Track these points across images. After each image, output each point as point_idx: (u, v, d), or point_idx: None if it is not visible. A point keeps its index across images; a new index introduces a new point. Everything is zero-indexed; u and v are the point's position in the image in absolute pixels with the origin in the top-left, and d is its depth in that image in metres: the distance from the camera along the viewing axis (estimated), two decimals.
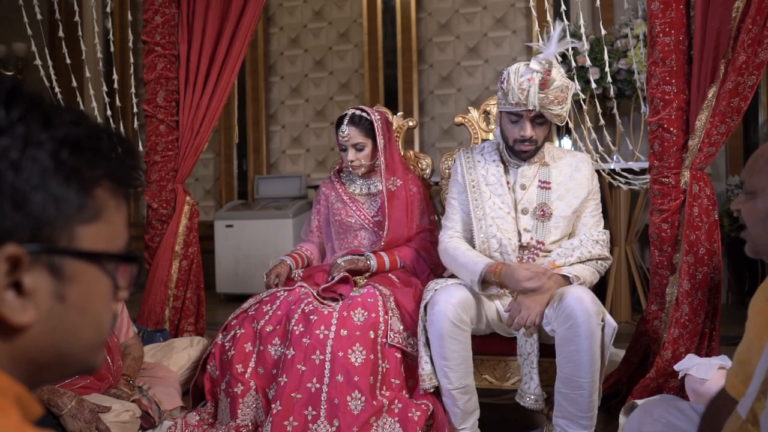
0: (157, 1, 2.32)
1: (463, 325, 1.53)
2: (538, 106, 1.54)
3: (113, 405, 1.43)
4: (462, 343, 1.54)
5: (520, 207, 1.67)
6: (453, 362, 1.54)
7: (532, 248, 1.65)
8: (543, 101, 1.54)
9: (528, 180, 1.68)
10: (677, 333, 1.76)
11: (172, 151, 2.35)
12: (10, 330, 0.41)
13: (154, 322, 2.25)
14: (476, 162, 1.73)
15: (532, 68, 1.53)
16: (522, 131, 1.60)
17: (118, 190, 0.45)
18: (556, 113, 1.57)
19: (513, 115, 1.60)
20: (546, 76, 1.52)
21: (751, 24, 1.62)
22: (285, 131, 4.57)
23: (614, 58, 3.00)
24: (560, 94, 1.55)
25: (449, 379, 1.55)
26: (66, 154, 0.42)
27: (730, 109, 1.70)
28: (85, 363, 0.46)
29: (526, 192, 1.67)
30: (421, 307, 1.59)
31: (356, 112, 1.93)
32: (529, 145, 1.62)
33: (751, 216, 0.90)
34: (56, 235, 0.41)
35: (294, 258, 2.00)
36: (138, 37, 2.47)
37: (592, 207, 1.68)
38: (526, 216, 1.66)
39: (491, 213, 1.65)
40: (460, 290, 1.56)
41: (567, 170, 1.68)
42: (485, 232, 1.65)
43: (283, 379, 1.61)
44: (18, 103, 0.42)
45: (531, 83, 1.52)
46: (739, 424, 0.78)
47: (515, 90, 1.53)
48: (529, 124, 1.59)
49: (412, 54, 4.21)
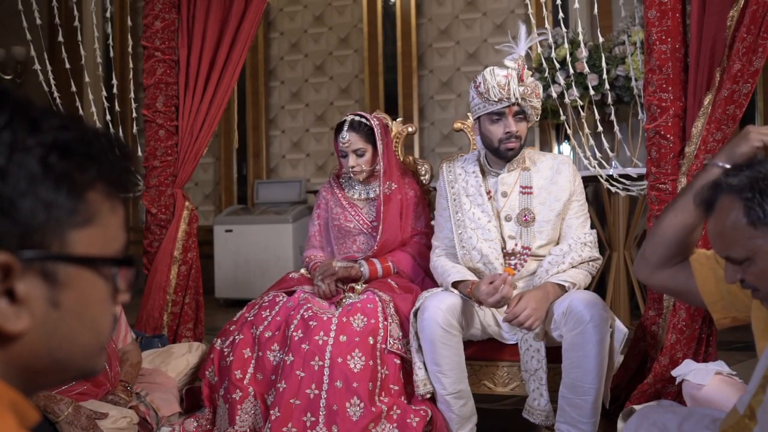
0: (157, 6, 2.33)
1: (453, 330, 1.53)
2: (520, 98, 1.61)
3: (110, 411, 1.43)
4: (453, 348, 1.54)
5: (503, 214, 1.69)
6: (445, 367, 1.55)
7: (519, 254, 1.66)
8: (524, 93, 1.62)
9: (509, 187, 1.70)
10: (675, 339, 1.76)
11: (171, 156, 2.36)
12: (4, 338, 0.41)
13: (152, 327, 2.25)
14: (457, 175, 1.76)
15: (507, 65, 1.63)
16: (507, 128, 1.64)
17: (113, 192, 0.45)
18: (534, 105, 1.65)
19: (494, 115, 1.65)
20: (522, 70, 1.61)
21: (746, 33, 1.63)
22: (285, 136, 4.58)
23: (612, 65, 3.01)
24: (535, 88, 1.65)
25: (443, 384, 1.56)
26: (55, 159, 0.41)
27: (726, 116, 1.71)
28: (84, 368, 0.46)
29: (508, 199, 1.69)
30: (411, 313, 1.60)
31: (355, 118, 1.94)
32: (515, 141, 1.66)
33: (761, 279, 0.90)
34: (48, 241, 0.41)
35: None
36: (138, 42, 2.47)
37: (576, 208, 1.69)
38: (510, 222, 1.68)
39: (471, 224, 1.67)
40: (450, 296, 1.57)
41: (548, 173, 1.71)
42: (466, 243, 1.67)
43: (282, 385, 1.61)
44: (4, 108, 0.41)
45: (509, 78, 1.60)
46: (736, 419, 0.81)
47: (495, 88, 1.61)
48: (512, 119, 1.64)
49: (412, 59, 4.22)
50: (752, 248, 0.88)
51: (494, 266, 1.63)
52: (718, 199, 0.91)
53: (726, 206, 0.90)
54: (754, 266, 0.89)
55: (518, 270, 1.66)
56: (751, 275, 0.91)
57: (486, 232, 1.65)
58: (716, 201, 0.91)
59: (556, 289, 1.56)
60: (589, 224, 1.71)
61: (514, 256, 1.66)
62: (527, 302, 1.49)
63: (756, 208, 0.86)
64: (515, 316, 1.49)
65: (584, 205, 1.72)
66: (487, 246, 1.64)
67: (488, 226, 1.66)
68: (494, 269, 1.62)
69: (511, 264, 1.66)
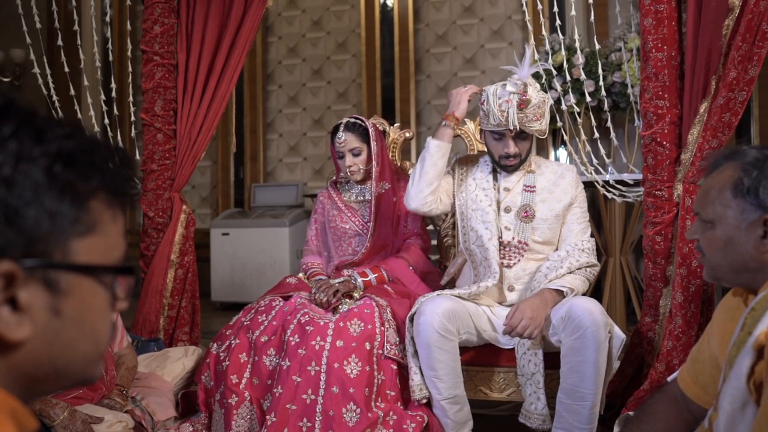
0: (157, 10, 2.33)
1: (449, 335, 1.54)
2: (518, 126, 1.62)
3: (106, 416, 1.42)
4: (449, 353, 1.55)
5: (503, 205, 1.73)
6: (441, 372, 1.55)
7: (514, 248, 1.69)
8: (522, 120, 1.62)
9: (512, 184, 1.75)
10: (671, 345, 1.77)
11: (169, 159, 2.36)
12: (5, 346, 0.41)
13: (148, 331, 2.24)
14: (471, 161, 1.83)
15: (508, 90, 1.61)
16: (506, 149, 1.68)
17: (114, 201, 0.45)
18: (536, 129, 1.65)
19: (496, 134, 1.68)
20: (523, 97, 1.60)
21: (741, 41, 1.64)
22: (282, 140, 4.58)
23: (609, 71, 3.03)
24: (538, 110, 1.63)
25: (438, 389, 1.56)
26: (59, 168, 0.42)
27: (721, 124, 1.73)
28: (83, 375, 0.46)
29: (510, 193, 1.74)
30: (408, 318, 1.61)
31: (350, 120, 1.98)
32: (514, 160, 1.70)
33: (710, 245, 0.94)
34: (51, 250, 0.41)
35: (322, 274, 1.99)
36: (137, 46, 2.48)
37: (578, 215, 1.72)
38: (509, 214, 1.71)
39: (472, 205, 1.73)
40: (447, 300, 1.58)
41: (552, 177, 1.75)
42: (465, 223, 1.73)
43: (278, 390, 1.61)
44: (10, 119, 0.42)
45: (509, 105, 1.60)
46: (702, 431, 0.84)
47: (495, 112, 1.62)
48: (512, 141, 1.67)
49: (409, 64, 4.24)
50: (720, 214, 0.91)
51: (486, 248, 1.66)
52: (727, 162, 0.93)
53: (726, 170, 0.93)
54: (711, 231, 0.93)
55: (513, 264, 1.68)
56: (705, 239, 0.94)
57: (484, 214, 1.70)
58: (725, 163, 0.94)
59: (554, 295, 1.56)
60: (589, 232, 1.73)
61: (509, 248, 1.69)
62: (523, 312, 1.49)
63: (745, 180, 0.89)
64: (512, 328, 1.49)
65: (586, 213, 1.75)
66: (483, 227, 1.68)
67: (488, 209, 1.70)
68: (486, 251, 1.66)
69: (505, 256, 1.69)
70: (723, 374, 0.81)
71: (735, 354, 0.78)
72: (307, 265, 2.05)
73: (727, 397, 0.77)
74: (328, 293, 1.79)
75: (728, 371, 0.79)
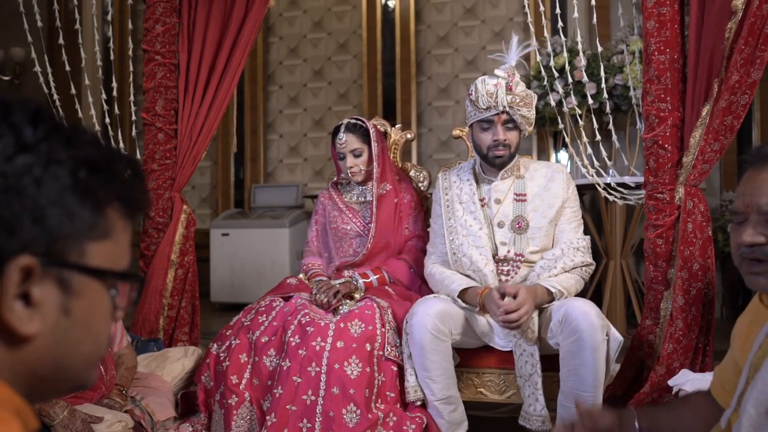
0: (158, 10, 2.33)
1: (442, 336, 1.54)
2: (507, 107, 1.63)
3: (105, 415, 1.42)
4: (442, 353, 1.55)
5: (496, 221, 1.70)
6: (434, 373, 1.55)
7: (511, 261, 1.67)
8: (511, 102, 1.64)
9: (502, 194, 1.72)
10: (671, 348, 1.77)
11: (169, 159, 2.36)
12: (15, 340, 0.42)
13: (148, 331, 2.24)
14: (452, 182, 1.80)
15: (497, 75, 1.65)
16: (495, 135, 1.66)
17: (127, 212, 0.48)
18: (524, 115, 1.66)
19: (484, 122, 1.67)
20: (511, 80, 1.64)
21: (744, 45, 1.64)
22: (283, 140, 4.58)
23: (610, 74, 3.03)
24: (525, 97, 1.66)
25: (432, 390, 1.57)
26: (84, 174, 0.44)
27: (723, 127, 1.73)
28: (81, 378, 0.47)
29: (501, 206, 1.71)
30: (404, 320, 1.61)
31: (351, 121, 1.98)
32: (503, 149, 1.68)
33: None
34: (67, 250, 0.43)
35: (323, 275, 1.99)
36: (138, 45, 2.47)
37: (569, 215, 1.71)
38: (503, 229, 1.69)
39: (462, 231, 1.69)
40: (440, 302, 1.58)
41: (542, 181, 1.73)
42: (457, 250, 1.68)
43: (279, 390, 1.61)
44: (43, 122, 0.44)
45: (498, 87, 1.63)
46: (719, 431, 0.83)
47: (484, 96, 1.64)
48: (501, 127, 1.66)
49: (410, 66, 4.24)
50: None
51: (483, 273, 1.64)
52: None
53: None
54: None
55: (511, 277, 1.67)
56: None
57: (477, 239, 1.67)
58: None
59: (544, 291, 1.56)
60: (582, 230, 1.72)
61: (506, 263, 1.67)
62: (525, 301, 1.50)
63: None
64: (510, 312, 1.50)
65: (577, 211, 1.73)
66: (477, 253, 1.65)
67: (479, 233, 1.68)
68: (483, 276, 1.64)
69: (504, 270, 1.67)
70: (745, 377, 0.80)
71: (761, 357, 0.77)
72: (308, 266, 2.05)
73: (752, 401, 0.75)
74: (328, 294, 1.79)
75: (752, 375, 0.77)
